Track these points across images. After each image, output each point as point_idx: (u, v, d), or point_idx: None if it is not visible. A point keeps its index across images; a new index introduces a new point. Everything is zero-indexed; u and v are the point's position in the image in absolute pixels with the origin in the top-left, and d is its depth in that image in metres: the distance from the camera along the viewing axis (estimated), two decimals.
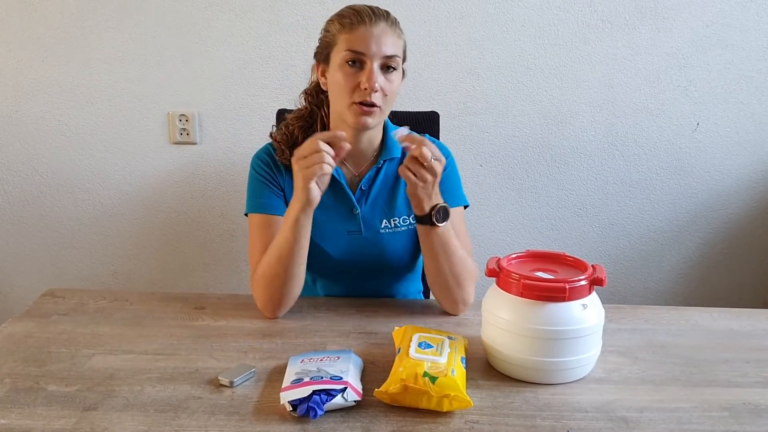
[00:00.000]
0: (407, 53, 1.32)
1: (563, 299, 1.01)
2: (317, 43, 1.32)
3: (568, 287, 1.00)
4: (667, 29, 2.00)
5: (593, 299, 1.05)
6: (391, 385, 0.95)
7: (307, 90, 1.38)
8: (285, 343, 1.17)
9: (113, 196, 2.15)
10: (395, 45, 1.25)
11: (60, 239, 2.20)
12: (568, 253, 1.12)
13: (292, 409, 0.93)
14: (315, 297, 1.42)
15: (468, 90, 2.05)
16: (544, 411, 0.96)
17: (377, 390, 0.96)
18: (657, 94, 2.06)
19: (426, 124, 1.66)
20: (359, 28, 1.23)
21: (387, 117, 1.37)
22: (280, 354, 1.12)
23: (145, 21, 1.99)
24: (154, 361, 1.09)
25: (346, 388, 0.95)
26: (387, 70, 1.24)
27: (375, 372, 1.06)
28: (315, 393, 0.93)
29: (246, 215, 1.36)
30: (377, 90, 1.22)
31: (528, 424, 0.93)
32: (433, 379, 0.94)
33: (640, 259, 2.23)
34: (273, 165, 1.36)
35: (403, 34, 1.29)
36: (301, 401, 0.92)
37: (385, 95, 1.25)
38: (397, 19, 1.28)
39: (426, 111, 1.69)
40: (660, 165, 2.12)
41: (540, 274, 1.06)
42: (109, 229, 2.19)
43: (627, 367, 1.10)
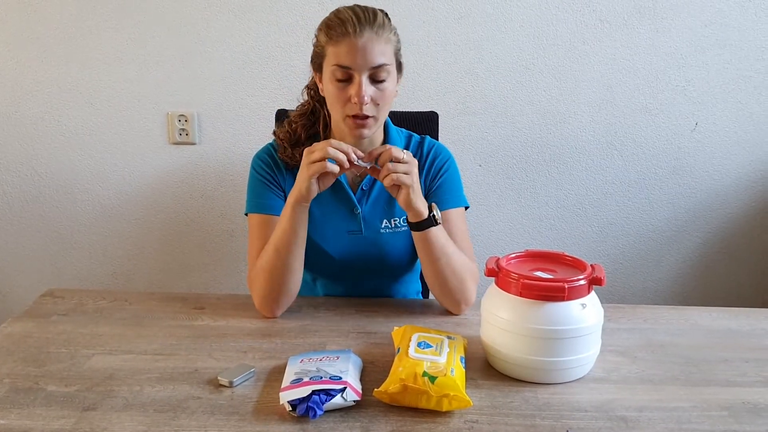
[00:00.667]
0: (404, 52, 1.30)
1: (562, 299, 1.01)
2: (313, 49, 1.30)
3: (567, 287, 1.00)
4: (666, 29, 2.00)
5: (592, 299, 1.05)
6: (391, 385, 0.95)
7: (309, 85, 1.37)
8: (284, 343, 1.17)
9: (113, 196, 2.15)
10: (383, 53, 1.21)
11: (59, 239, 2.20)
12: (567, 253, 1.12)
13: (291, 409, 0.93)
14: (314, 297, 1.42)
15: (467, 90, 2.05)
16: (543, 410, 0.97)
17: (377, 390, 0.96)
18: (656, 93, 2.06)
19: (425, 124, 1.66)
20: (343, 41, 1.20)
21: (387, 117, 1.37)
22: (279, 354, 1.12)
23: (145, 21, 1.99)
24: (153, 361, 1.09)
25: (345, 387, 0.95)
26: (377, 79, 1.22)
27: (374, 372, 1.06)
28: (314, 393, 0.93)
29: (246, 215, 1.36)
30: (367, 102, 1.21)
31: (527, 423, 0.93)
32: (433, 379, 0.94)
33: (639, 259, 2.23)
34: (274, 165, 1.36)
35: (395, 32, 1.26)
36: (301, 401, 0.92)
37: (378, 104, 1.23)
38: (387, 19, 1.25)
39: (425, 111, 1.69)
40: (659, 165, 2.13)
41: (539, 273, 1.06)
42: (109, 230, 2.19)
43: (626, 367, 1.10)
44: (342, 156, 1.16)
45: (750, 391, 1.03)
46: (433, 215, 1.22)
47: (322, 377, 0.97)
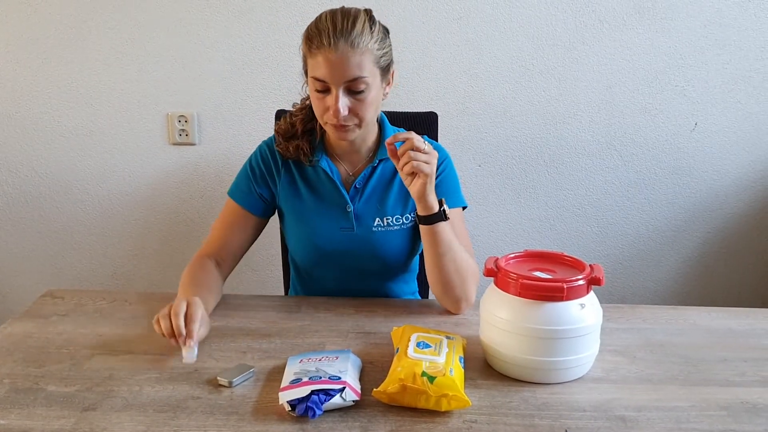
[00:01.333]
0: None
1: (561, 299, 1.01)
2: None
3: (566, 287, 1.01)
4: (665, 29, 2.00)
5: (591, 299, 1.05)
6: (390, 385, 0.95)
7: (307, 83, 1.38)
8: (284, 343, 1.17)
9: (112, 196, 2.15)
10: (359, 65, 1.19)
11: (59, 240, 2.20)
12: (566, 253, 1.12)
13: (290, 409, 0.93)
14: (314, 297, 1.42)
15: (466, 90, 2.05)
16: (542, 410, 0.97)
17: (376, 390, 0.96)
18: (655, 94, 2.06)
19: (424, 124, 1.66)
20: (318, 54, 1.19)
21: (384, 116, 1.38)
22: (278, 354, 1.13)
23: (144, 22, 1.99)
24: (153, 362, 1.10)
25: (344, 387, 0.95)
26: (354, 90, 1.21)
27: (373, 372, 1.06)
28: (314, 393, 0.93)
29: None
30: (344, 114, 1.21)
31: (526, 423, 0.93)
32: (432, 379, 0.94)
33: (638, 259, 2.23)
34: (272, 159, 1.39)
35: (377, 39, 1.22)
36: (300, 401, 0.93)
37: (357, 113, 1.23)
38: (369, 24, 1.21)
39: (424, 111, 1.69)
40: (658, 165, 2.13)
41: (538, 273, 1.06)
42: (109, 230, 2.19)
43: (625, 367, 1.10)
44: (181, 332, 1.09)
45: (749, 391, 1.03)
46: (443, 210, 1.23)
47: (321, 377, 0.97)
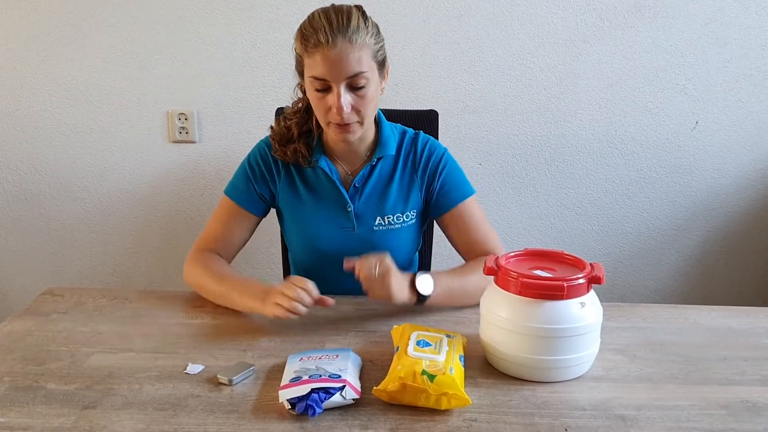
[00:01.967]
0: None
1: (561, 297, 1.01)
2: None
3: (566, 285, 1.00)
4: (666, 28, 2.00)
5: (591, 297, 1.05)
6: (390, 383, 0.95)
7: (301, 83, 1.35)
8: (284, 342, 1.17)
9: (112, 194, 2.15)
10: (359, 61, 1.18)
11: (59, 238, 2.20)
12: (566, 252, 1.12)
13: (290, 407, 0.93)
14: None
15: (467, 89, 2.05)
16: (542, 409, 0.97)
17: (376, 388, 0.96)
18: (656, 92, 2.06)
19: (425, 122, 1.66)
20: (317, 52, 1.18)
21: (381, 113, 1.37)
22: (278, 352, 1.12)
23: (145, 19, 1.99)
24: (153, 360, 1.09)
25: (344, 386, 0.95)
26: (355, 86, 1.21)
27: (373, 370, 1.06)
28: (314, 391, 0.93)
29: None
30: (347, 111, 1.21)
31: (526, 422, 0.93)
32: (432, 378, 0.94)
33: (638, 258, 2.23)
34: (271, 159, 1.38)
35: (372, 33, 1.21)
36: (300, 399, 0.93)
37: (359, 110, 1.23)
38: (362, 19, 1.20)
39: (425, 110, 1.69)
40: (659, 163, 2.13)
41: (538, 272, 1.06)
42: (109, 228, 2.19)
43: (625, 366, 1.10)
44: (309, 301, 1.16)
45: (749, 390, 1.03)
46: (421, 296, 1.21)
47: (321, 375, 0.97)
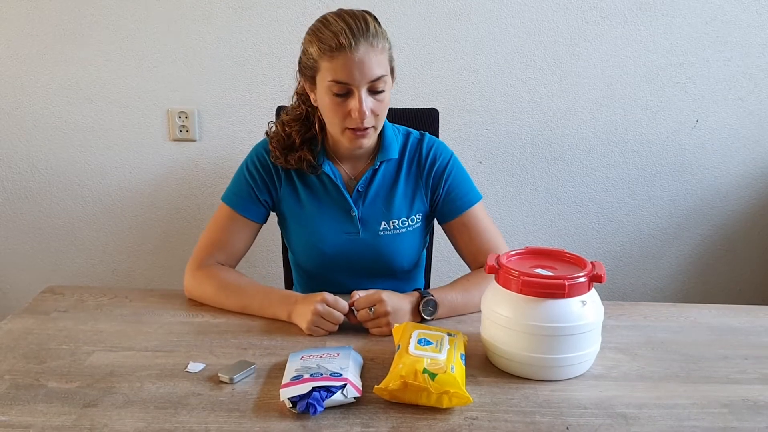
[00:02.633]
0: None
1: (562, 296, 1.01)
2: (300, 59, 1.27)
3: (567, 284, 1.00)
4: (667, 26, 2.00)
5: (592, 296, 1.05)
6: (391, 382, 0.95)
7: (299, 91, 1.34)
8: (285, 340, 1.17)
9: (113, 193, 2.15)
10: (380, 64, 1.19)
11: (59, 236, 2.20)
12: (567, 250, 1.12)
13: (291, 406, 0.93)
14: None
15: (467, 87, 2.05)
16: (543, 407, 0.97)
17: (377, 386, 0.96)
18: (656, 90, 2.06)
19: (425, 121, 1.66)
20: (339, 56, 1.16)
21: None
22: (279, 351, 1.12)
23: (145, 18, 1.99)
24: (153, 358, 1.09)
25: (345, 384, 0.95)
26: (375, 90, 1.20)
27: (374, 369, 1.06)
28: (315, 390, 0.93)
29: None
30: (368, 116, 1.20)
31: (527, 420, 0.93)
32: (433, 376, 0.94)
33: (639, 256, 2.23)
34: (271, 164, 1.35)
35: (386, 37, 1.22)
36: (301, 398, 0.93)
37: (377, 114, 1.23)
38: (377, 24, 1.21)
39: (425, 108, 1.69)
40: (659, 162, 2.12)
41: (539, 270, 1.06)
42: (109, 226, 2.19)
43: (626, 364, 1.10)
44: (341, 319, 1.18)
45: (749, 389, 1.03)
46: (424, 317, 1.22)
47: (322, 374, 0.97)
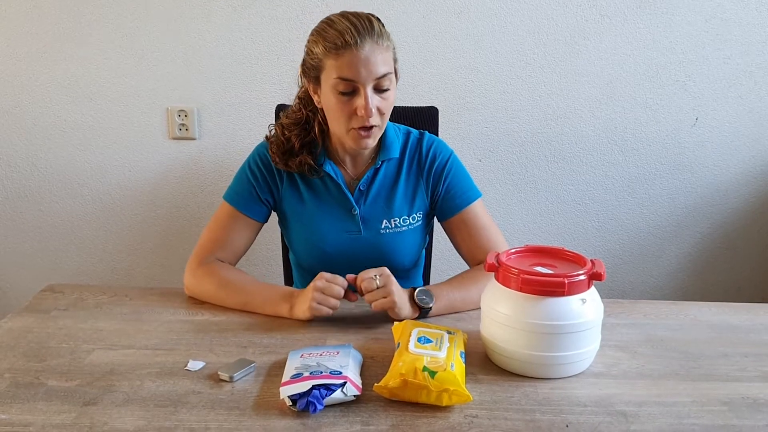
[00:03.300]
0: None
1: (562, 294, 1.01)
2: (304, 59, 1.28)
3: (567, 282, 1.00)
4: (666, 24, 2.00)
5: (592, 294, 1.05)
6: (391, 380, 0.95)
7: (300, 95, 1.34)
8: (284, 338, 1.17)
9: (112, 191, 2.15)
10: (385, 61, 1.19)
11: (59, 235, 2.20)
12: (567, 248, 1.12)
13: (291, 404, 0.93)
14: None
15: (467, 85, 2.05)
16: (543, 405, 0.97)
17: (377, 384, 0.96)
18: (656, 89, 2.06)
19: (425, 119, 1.66)
20: (345, 54, 1.17)
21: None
22: (279, 349, 1.12)
23: (144, 16, 1.99)
24: (153, 356, 1.09)
25: (345, 382, 0.95)
26: (381, 88, 1.21)
27: (374, 367, 1.06)
28: (314, 388, 0.93)
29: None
30: (373, 114, 1.20)
31: (527, 418, 0.93)
32: (433, 374, 0.94)
33: (639, 254, 2.23)
34: (272, 165, 1.35)
35: (390, 37, 1.23)
36: (301, 396, 0.93)
37: (382, 113, 1.23)
38: (381, 24, 1.22)
39: (425, 106, 1.69)
40: (659, 160, 2.12)
41: (539, 268, 1.06)
42: (109, 225, 2.19)
43: (626, 362, 1.10)
44: (335, 302, 1.20)
45: (749, 386, 1.03)
46: (422, 308, 1.22)
47: (322, 372, 0.97)
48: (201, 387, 1.00)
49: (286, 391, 0.94)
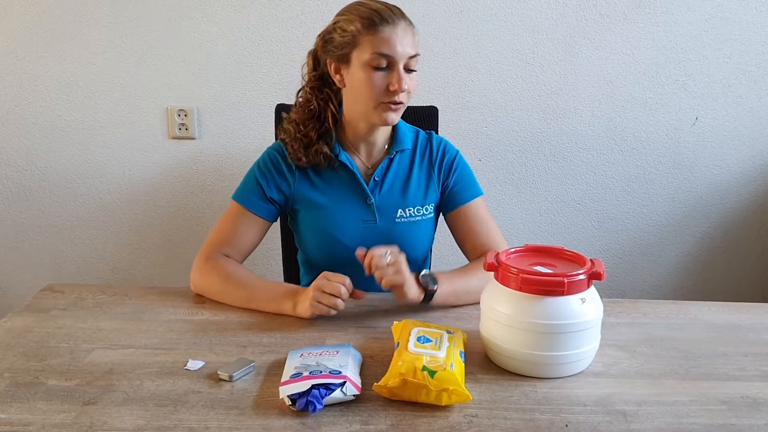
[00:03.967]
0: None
1: (562, 293, 1.01)
2: (328, 40, 1.30)
3: (566, 281, 1.00)
4: (666, 23, 2.00)
5: (592, 293, 1.05)
6: (390, 379, 0.95)
7: (311, 86, 1.36)
8: (284, 338, 1.17)
9: (112, 191, 2.15)
10: (415, 44, 1.28)
11: (59, 234, 2.20)
12: (566, 248, 1.12)
13: (291, 404, 0.93)
14: None
15: (467, 85, 2.05)
16: (542, 405, 0.97)
17: (376, 384, 0.96)
18: (656, 88, 2.06)
19: (425, 118, 1.66)
20: (384, 29, 1.24)
21: None
22: (279, 348, 1.12)
23: (144, 16, 1.99)
24: (153, 356, 1.09)
25: (345, 382, 0.95)
26: (409, 68, 1.28)
27: (374, 366, 1.06)
28: (314, 387, 0.93)
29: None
30: (405, 90, 1.26)
31: (527, 417, 0.93)
32: (432, 373, 0.94)
33: (638, 254, 2.23)
34: (283, 163, 1.38)
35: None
36: (300, 395, 0.93)
37: (409, 92, 1.29)
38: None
39: (425, 106, 1.69)
40: (659, 159, 2.12)
41: (539, 268, 1.06)
42: (108, 224, 2.19)
43: (625, 361, 1.10)
44: (341, 303, 1.20)
45: (749, 386, 1.03)
46: (428, 290, 1.24)
47: (321, 371, 0.97)
48: (200, 386, 1.00)
49: (285, 391, 0.94)
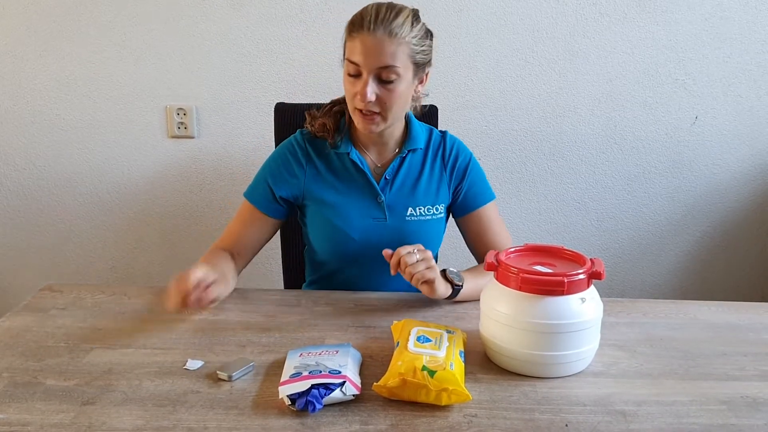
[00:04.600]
0: (432, 57, 1.32)
1: (562, 293, 1.01)
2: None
3: (566, 281, 1.00)
4: (666, 22, 2.00)
5: (592, 293, 1.05)
6: (390, 379, 0.95)
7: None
8: (283, 337, 1.17)
9: (111, 190, 2.15)
10: (393, 55, 1.21)
11: (58, 233, 2.20)
12: (566, 247, 1.12)
13: (290, 403, 0.93)
14: (314, 291, 1.42)
15: (466, 84, 2.05)
16: (542, 405, 0.97)
17: (376, 384, 0.96)
18: (655, 87, 2.05)
19: (425, 118, 1.65)
20: (357, 37, 1.22)
21: (410, 112, 1.41)
22: (278, 348, 1.12)
23: (143, 15, 1.98)
24: (152, 356, 1.09)
25: (344, 382, 0.95)
26: (384, 79, 1.23)
27: (373, 366, 1.06)
28: (314, 387, 0.93)
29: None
30: (370, 100, 1.23)
31: (526, 417, 0.93)
32: (432, 373, 0.94)
33: (638, 253, 2.23)
34: (294, 162, 1.38)
35: (419, 36, 1.25)
36: (300, 395, 0.92)
37: (385, 103, 1.25)
38: (413, 20, 1.24)
39: (424, 105, 1.68)
40: (658, 158, 2.12)
41: (538, 267, 1.06)
42: (107, 224, 2.19)
43: (625, 361, 1.10)
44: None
45: (748, 385, 1.03)
46: (455, 285, 1.24)
47: (321, 371, 0.97)
48: (200, 386, 1.00)
49: (285, 391, 0.94)
